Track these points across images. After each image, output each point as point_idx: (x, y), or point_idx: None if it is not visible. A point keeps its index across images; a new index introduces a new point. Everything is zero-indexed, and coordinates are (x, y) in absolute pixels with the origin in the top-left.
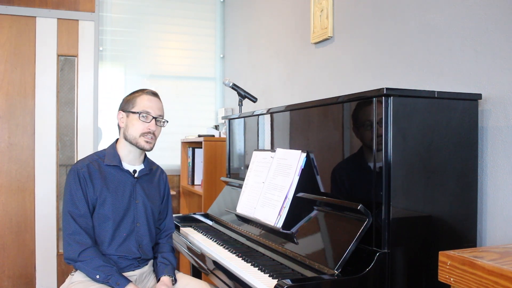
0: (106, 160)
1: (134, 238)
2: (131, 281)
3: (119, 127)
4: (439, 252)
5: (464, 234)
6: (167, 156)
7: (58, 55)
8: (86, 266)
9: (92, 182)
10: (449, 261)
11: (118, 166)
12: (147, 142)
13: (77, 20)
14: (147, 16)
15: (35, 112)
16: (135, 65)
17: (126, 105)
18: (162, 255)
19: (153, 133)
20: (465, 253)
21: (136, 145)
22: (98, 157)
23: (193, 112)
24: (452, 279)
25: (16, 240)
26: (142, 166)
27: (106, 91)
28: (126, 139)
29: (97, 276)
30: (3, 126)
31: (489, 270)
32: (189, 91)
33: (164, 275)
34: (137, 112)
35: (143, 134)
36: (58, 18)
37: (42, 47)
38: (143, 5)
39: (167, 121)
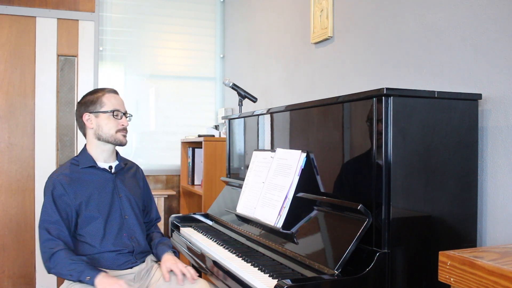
0: (81, 163)
1: (125, 231)
2: (103, 271)
3: (85, 129)
4: (439, 252)
5: (464, 234)
6: (167, 156)
7: (58, 55)
8: (59, 270)
9: (71, 187)
10: (449, 261)
11: (94, 166)
12: (124, 136)
13: (77, 20)
14: (147, 16)
15: (35, 112)
16: (135, 65)
17: (92, 107)
18: (159, 241)
19: (126, 128)
20: (465, 253)
21: (114, 141)
22: (72, 163)
23: (193, 112)
24: (452, 279)
25: (16, 240)
26: (116, 162)
27: None
28: (99, 139)
29: (70, 276)
30: (3, 126)
31: (489, 270)
32: (189, 91)
33: (165, 253)
34: (109, 111)
35: (119, 130)
36: (58, 18)
37: (42, 47)
38: (143, 5)
39: (132, 115)
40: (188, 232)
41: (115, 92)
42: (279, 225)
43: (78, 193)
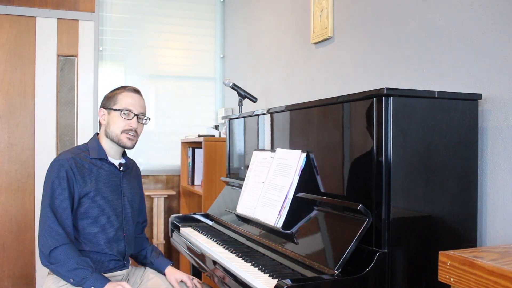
0: (91, 153)
1: (121, 232)
2: (109, 280)
3: (100, 124)
4: (439, 252)
5: (464, 234)
6: (167, 156)
7: (58, 55)
8: (58, 268)
9: (81, 174)
10: (449, 261)
11: (105, 159)
12: (129, 139)
13: (77, 20)
14: (147, 16)
15: (35, 112)
16: (135, 65)
17: (108, 102)
18: (154, 250)
19: (135, 130)
20: (465, 253)
21: (117, 142)
22: (81, 150)
23: (193, 112)
24: (452, 279)
25: (16, 240)
26: (123, 160)
27: (106, 91)
28: (107, 136)
29: (71, 280)
30: (3, 126)
31: (489, 270)
32: (189, 91)
33: (168, 266)
34: (119, 110)
35: (124, 131)
36: (58, 18)
37: (42, 47)
38: (143, 5)
39: (149, 119)
40: (188, 232)
41: (135, 91)
42: (279, 225)
43: (87, 181)
